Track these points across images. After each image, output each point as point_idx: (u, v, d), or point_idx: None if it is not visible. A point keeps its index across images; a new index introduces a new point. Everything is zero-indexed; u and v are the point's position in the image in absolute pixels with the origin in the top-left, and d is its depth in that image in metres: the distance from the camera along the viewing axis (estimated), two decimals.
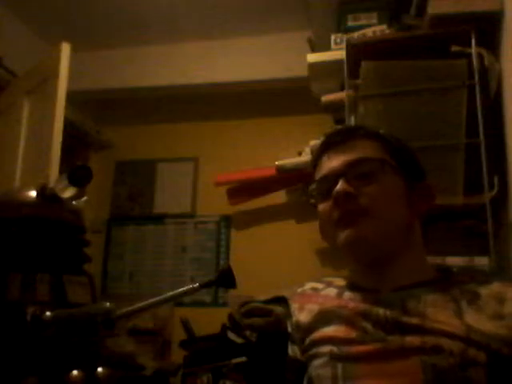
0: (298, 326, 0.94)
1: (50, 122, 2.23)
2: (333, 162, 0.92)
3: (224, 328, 2.10)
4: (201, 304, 3.07)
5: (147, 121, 3.47)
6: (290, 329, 0.98)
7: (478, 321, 0.78)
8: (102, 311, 0.70)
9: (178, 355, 2.45)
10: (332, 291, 0.95)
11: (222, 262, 3.17)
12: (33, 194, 0.83)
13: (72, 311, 0.72)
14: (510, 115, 1.58)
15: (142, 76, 3.20)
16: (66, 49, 2.32)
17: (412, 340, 0.77)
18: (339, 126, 1.01)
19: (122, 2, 2.88)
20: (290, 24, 2.97)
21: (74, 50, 2.34)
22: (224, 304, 2.92)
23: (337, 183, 0.88)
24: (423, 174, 0.96)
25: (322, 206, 0.93)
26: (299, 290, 1.01)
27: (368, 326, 0.82)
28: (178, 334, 2.51)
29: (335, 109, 2.03)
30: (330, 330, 0.85)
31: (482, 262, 1.51)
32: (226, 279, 0.80)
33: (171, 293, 0.78)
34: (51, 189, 0.81)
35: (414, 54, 1.75)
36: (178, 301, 2.79)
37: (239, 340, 2.00)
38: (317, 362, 0.84)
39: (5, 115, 2.68)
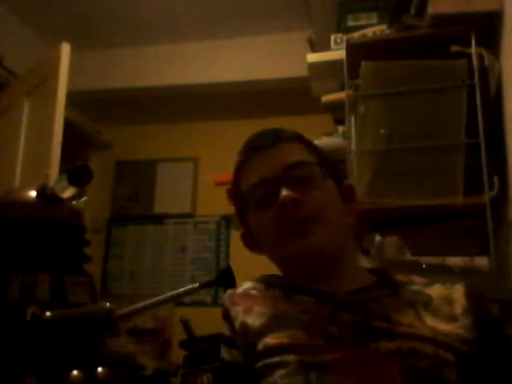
0: (244, 329, 0.84)
1: (50, 122, 2.23)
2: (265, 167, 0.88)
3: None
4: (201, 304, 3.07)
5: (147, 121, 3.47)
6: (227, 332, 0.88)
7: (437, 323, 0.78)
8: (102, 311, 0.70)
9: (178, 355, 2.45)
10: (277, 293, 0.88)
11: (222, 262, 3.17)
12: (33, 194, 0.83)
13: (72, 311, 0.72)
14: (510, 115, 1.58)
15: (142, 76, 3.21)
16: (65, 49, 2.32)
17: (387, 344, 0.75)
18: (260, 130, 0.97)
19: (122, 1, 2.88)
20: (290, 24, 2.97)
21: (74, 50, 2.35)
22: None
23: (276, 190, 0.84)
24: (341, 178, 0.96)
25: (258, 216, 0.88)
26: (238, 290, 0.91)
27: (334, 330, 0.78)
28: (178, 334, 2.51)
29: (335, 109, 2.03)
30: (290, 336, 0.78)
31: (481, 262, 1.51)
32: (225, 279, 0.80)
33: (171, 293, 0.78)
34: (51, 189, 0.81)
35: (414, 53, 1.74)
36: (178, 301, 2.79)
37: None
38: (282, 372, 0.76)
39: (5, 115, 2.68)
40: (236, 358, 0.85)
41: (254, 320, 0.84)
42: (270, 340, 0.80)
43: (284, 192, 0.83)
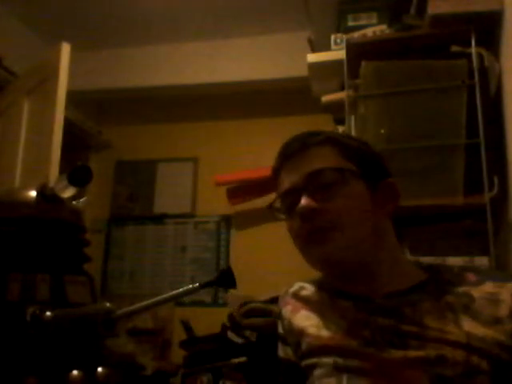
0: (291, 328, 0.92)
1: (50, 122, 2.23)
2: (292, 175, 0.90)
3: (224, 328, 2.10)
4: (201, 304, 3.07)
5: (147, 121, 3.47)
6: (281, 330, 0.96)
7: (475, 327, 0.76)
8: (102, 311, 0.70)
9: (177, 355, 2.45)
10: (323, 296, 0.92)
11: (222, 262, 3.17)
12: (33, 194, 0.82)
13: (72, 311, 0.72)
14: (510, 115, 1.58)
15: (142, 76, 3.21)
16: (65, 49, 2.32)
17: (416, 350, 0.75)
18: (293, 136, 0.97)
19: (122, 2, 2.88)
20: (290, 24, 2.97)
21: (74, 50, 2.35)
22: (224, 304, 2.92)
23: (299, 198, 0.86)
24: (386, 172, 0.92)
25: (289, 223, 0.91)
26: (291, 291, 0.98)
27: (368, 335, 0.80)
28: (178, 334, 2.51)
29: (335, 109, 2.03)
30: (329, 340, 0.83)
31: (482, 262, 1.51)
32: (226, 279, 0.79)
33: (171, 293, 0.78)
34: (51, 189, 0.81)
35: (414, 54, 1.75)
36: (177, 301, 2.79)
37: (239, 340, 2.00)
38: (319, 372, 0.82)
39: (5, 115, 2.68)
40: (289, 355, 0.93)
41: (299, 321, 0.90)
42: (312, 341, 0.86)
43: (302, 202, 0.85)
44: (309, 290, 0.95)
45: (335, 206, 0.85)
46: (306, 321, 0.89)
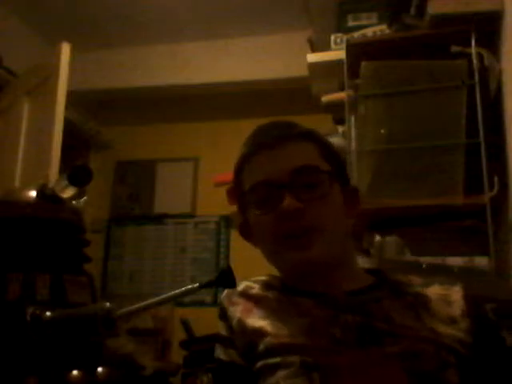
0: (242, 329, 0.83)
1: (50, 122, 2.23)
2: (270, 168, 0.83)
3: None
4: (201, 304, 3.07)
5: (147, 121, 3.47)
6: (224, 331, 0.89)
7: (437, 325, 0.78)
8: (102, 311, 0.70)
9: (178, 355, 2.45)
10: (277, 295, 0.86)
11: (221, 262, 3.18)
12: (33, 194, 0.83)
13: (72, 311, 0.72)
14: (510, 115, 1.58)
15: (143, 76, 3.21)
16: (66, 49, 2.32)
17: (391, 346, 0.75)
18: (269, 123, 0.90)
19: (122, 2, 2.88)
20: (290, 24, 2.97)
21: (74, 50, 2.34)
22: None
23: (279, 194, 0.81)
24: (348, 178, 0.92)
25: (257, 217, 0.85)
26: (238, 289, 0.89)
27: (336, 332, 0.77)
28: (178, 334, 2.51)
29: (335, 109, 2.03)
30: (292, 338, 0.78)
31: (482, 262, 1.51)
32: (225, 279, 0.79)
33: (171, 293, 0.78)
34: (51, 189, 0.81)
35: (414, 53, 1.75)
36: (177, 301, 2.79)
37: None
38: (283, 372, 0.75)
39: (5, 115, 2.68)
40: (233, 358, 0.84)
41: (253, 321, 0.83)
42: (271, 340, 0.79)
43: (287, 200, 0.80)
44: (258, 288, 0.89)
45: (319, 208, 0.82)
46: (262, 320, 0.82)
